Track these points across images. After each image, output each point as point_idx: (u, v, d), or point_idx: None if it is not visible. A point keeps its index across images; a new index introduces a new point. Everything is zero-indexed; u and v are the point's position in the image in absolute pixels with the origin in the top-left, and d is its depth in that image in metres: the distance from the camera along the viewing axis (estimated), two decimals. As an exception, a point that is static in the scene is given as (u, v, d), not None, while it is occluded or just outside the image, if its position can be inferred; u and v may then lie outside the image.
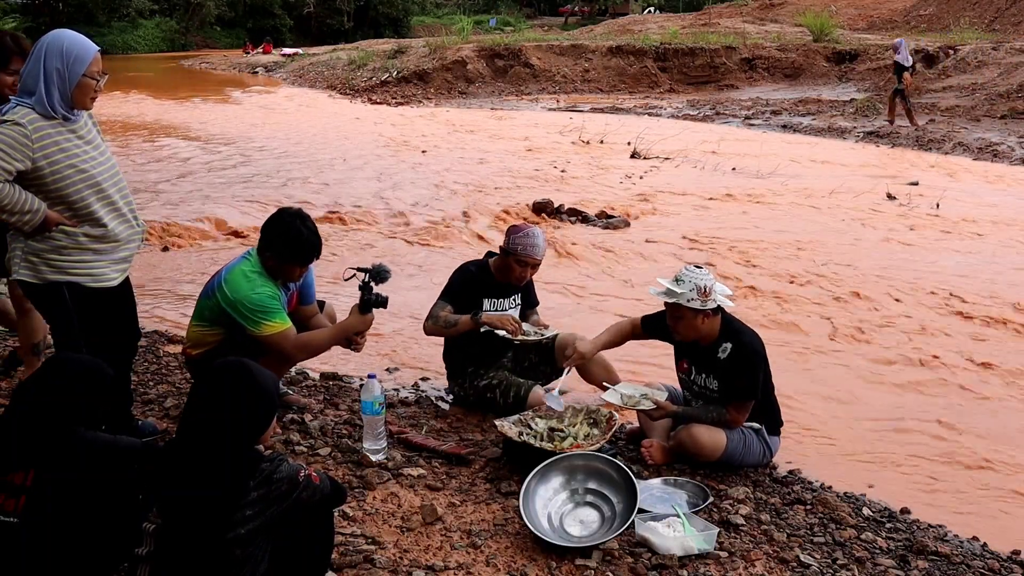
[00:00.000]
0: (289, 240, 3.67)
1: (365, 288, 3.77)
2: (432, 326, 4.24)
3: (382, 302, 3.79)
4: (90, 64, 3.19)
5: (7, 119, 3.15)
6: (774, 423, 3.89)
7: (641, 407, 3.85)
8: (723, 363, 3.73)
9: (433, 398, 4.63)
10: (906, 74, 16.70)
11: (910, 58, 17.04)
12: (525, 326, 4.39)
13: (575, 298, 6.72)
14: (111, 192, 3.35)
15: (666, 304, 3.74)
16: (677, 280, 3.68)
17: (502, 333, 4.24)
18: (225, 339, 3.72)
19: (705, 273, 3.67)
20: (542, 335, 4.36)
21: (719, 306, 3.68)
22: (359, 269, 3.78)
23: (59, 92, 3.17)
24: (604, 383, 4.15)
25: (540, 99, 23.14)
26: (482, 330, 4.29)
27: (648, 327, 4.02)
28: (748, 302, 6.60)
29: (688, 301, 3.62)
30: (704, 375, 3.83)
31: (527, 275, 4.36)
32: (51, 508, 2.31)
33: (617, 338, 4.12)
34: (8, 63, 3.59)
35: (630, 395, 3.92)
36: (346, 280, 3.82)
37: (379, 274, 3.77)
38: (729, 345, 3.72)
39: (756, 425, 3.81)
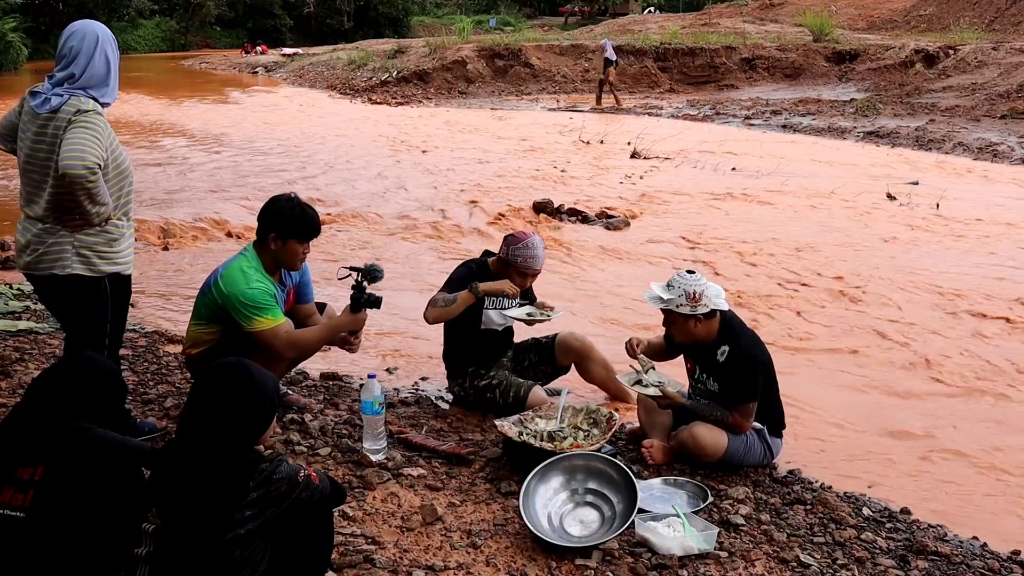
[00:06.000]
0: (289, 215, 3.71)
1: (357, 288, 3.77)
2: (432, 310, 4.19)
3: (374, 302, 3.79)
4: None
5: (89, 109, 3.27)
6: (777, 424, 3.89)
7: (647, 392, 3.85)
8: (722, 366, 3.75)
9: (433, 398, 4.62)
10: (611, 68, 21.25)
11: (614, 55, 21.62)
12: (528, 307, 4.38)
13: (574, 299, 6.71)
14: (133, 181, 3.55)
15: (661, 309, 3.78)
16: (668, 286, 3.73)
17: (501, 320, 4.22)
18: (222, 338, 3.73)
19: (697, 279, 3.70)
20: (548, 315, 4.34)
21: (713, 309, 3.70)
22: (352, 269, 3.79)
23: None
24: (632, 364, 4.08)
25: (540, 99, 23.15)
26: (482, 328, 4.29)
27: (670, 340, 3.99)
28: (747, 302, 6.60)
29: (678, 307, 3.67)
30: (706, 376, 3.85)
31: (527, 284, 4.35)
32: (58, 504, 2.31)
33: (655, 350, 4.07)
34: None
35: (644, 377, 3.89)
36: (340, 280, 3.82)
37: (371, 274, 3.78)
38: (727, 348, 3.74)
39: (758, 425, 3.81)
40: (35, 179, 3.36)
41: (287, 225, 3.69)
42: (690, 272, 3.75)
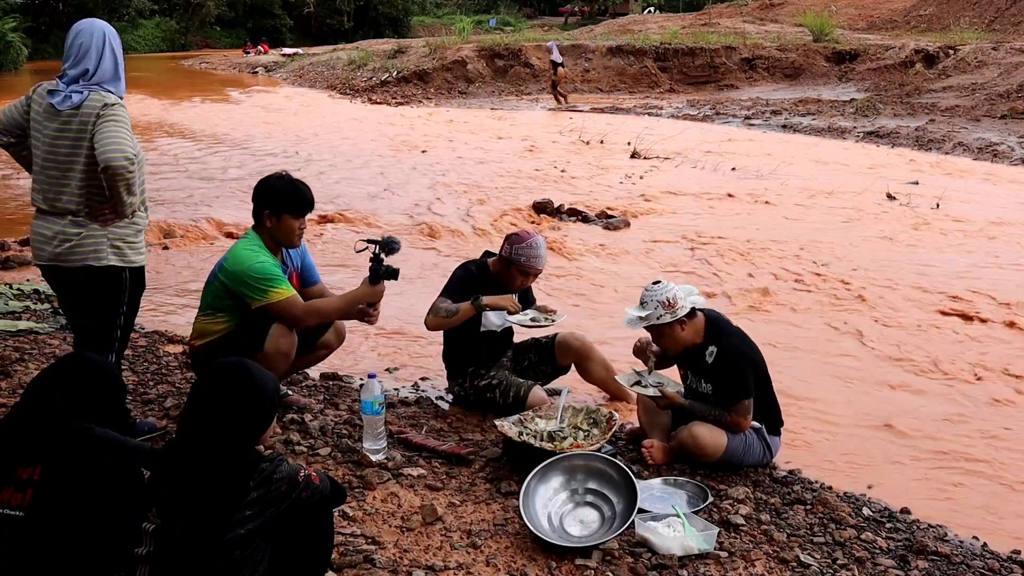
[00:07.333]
0: (281, 191, 3.75)
1: (375, 260, 3.78)
2: (433, 319, 4.22)
3: (392, 273, 3.80)
4: None
5: (114, 102, 3.34)
6: (774, 423, 3.90)
7: (647, 393, 3.86)
8: (711, 367, 3.78)
9: (433, 398, 4.62)
10: (560, 69, 21.93)
11: (560, 57, 22.25)
12: (531, 312, 4.38)
13: (574, 299, 6.72)
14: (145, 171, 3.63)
15: (646, 328, 3.80)
16: (642, 304, 3.76)
17: (500, 321, 4.22)
18: (232, 329, 3.73)
19: (665, 285, 3.74)
20: (552, 320, 4.34)
21: (693, 309, 3.73)
22: (369, 241, 3.80)
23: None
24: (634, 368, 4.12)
25: (540, 99, 23.15)
26: (482, 329, 4.29)
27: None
28: (748, 302, 6.60)
29: (659, 319, 3.70)
30: (698, 379, 3.87)
31: (528, 283, 4.36)
32: (57, 504, 2.31)
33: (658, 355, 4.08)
34: None
35: (644, 377, 3.92)
36: (358, 252, 3.85)
37: (389, 245, 3.79)
38: (714, 348, 3.77)
39: (756, 424, 3.81)
40: (55, 175, 3.39)
41: (280, 200, 3.73)
42: (656, 282, 3.80)
